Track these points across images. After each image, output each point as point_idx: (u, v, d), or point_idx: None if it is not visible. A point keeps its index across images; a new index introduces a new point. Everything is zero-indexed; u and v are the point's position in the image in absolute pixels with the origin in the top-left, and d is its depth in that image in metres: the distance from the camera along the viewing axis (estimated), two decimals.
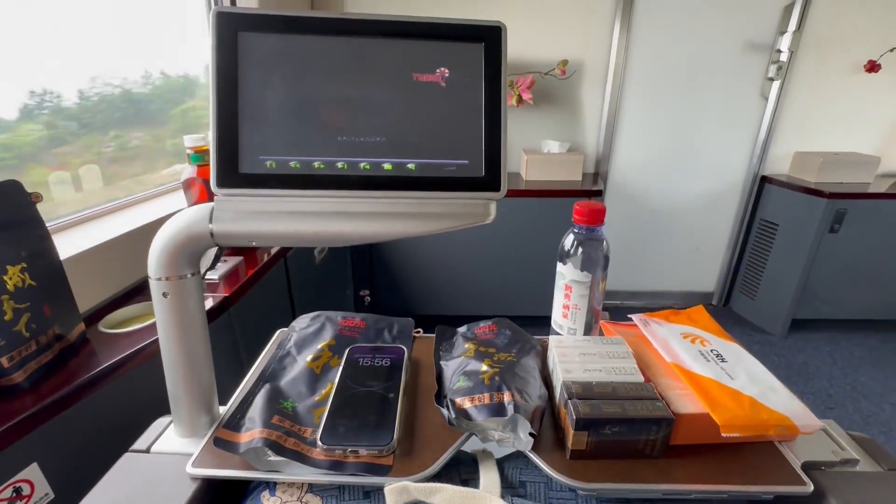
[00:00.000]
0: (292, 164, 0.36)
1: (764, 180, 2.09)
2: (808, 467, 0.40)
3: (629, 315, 0.55)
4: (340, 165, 0.37)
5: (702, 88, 2.01)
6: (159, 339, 0.41)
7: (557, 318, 0.56)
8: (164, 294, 0.38)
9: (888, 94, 1.97)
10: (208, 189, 0.37)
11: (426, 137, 0.37)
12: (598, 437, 0.39)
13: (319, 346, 0.52)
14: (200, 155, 1.00)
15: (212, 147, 0.35)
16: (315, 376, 0.49)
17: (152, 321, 0.77)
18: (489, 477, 0.39)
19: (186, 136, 0.99)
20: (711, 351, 0.47)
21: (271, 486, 0.39)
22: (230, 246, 0.39)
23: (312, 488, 0.39)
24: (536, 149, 2.04)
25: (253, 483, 0.40)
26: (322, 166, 0.37)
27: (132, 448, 0.43)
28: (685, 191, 2.19)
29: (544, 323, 0.60)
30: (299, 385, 0.47)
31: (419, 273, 2.01)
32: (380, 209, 0.38)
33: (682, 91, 2.02)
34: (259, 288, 1.06)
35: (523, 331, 0.56)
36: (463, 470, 0.41)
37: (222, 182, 0.36)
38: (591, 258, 0.52)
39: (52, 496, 0.60)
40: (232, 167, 0.36)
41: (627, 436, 0.39)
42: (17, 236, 0.61)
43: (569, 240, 0.53)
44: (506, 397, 0.41)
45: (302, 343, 0.53)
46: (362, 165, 0.37)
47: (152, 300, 0.39)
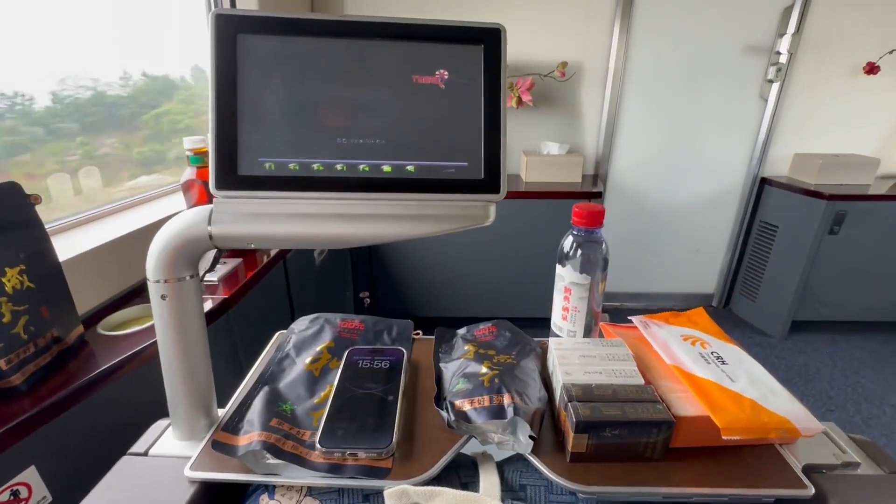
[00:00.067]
0: (291, 166, 0.36)
1: (764, 182, 2.09)
2: (809, 470, 0.40)
3: (629, 317, 0.55)
4: (340, 167, 0.37)
5: (701, 90, 2.01)
6: (158, 342, 0.40)
7: (557, 321, 0.56)
8: (163, 296, 0.38)
9: (887, 96, 1.98)
10: (208, 191, 0.37)
11: (425, 139, 0.37)
12: (599, 440, 0.38)
13: (318, 349, 0.52)
14: (200, 157, 1.01)
15: (211, 149, 0.35)
16: (314, 378, 0.48)
17: (151, 323, 0.77)
18: (489, 480, 0.39)
19: (186, 138, 0.99)
20: (712, 353, 0.47)
21: (270, 490, 0.39)
22: (229, 248, 0.39)
23: (311, 491, 0.38)
24: (536, 150, 2.05)
25: (251, 486, 0.40)
26: (321, 168, 0.36)
27: (130, 451, 0.43)
28: (685, 193, 2.19)
29: (544, 324, 0.60)
30: (298, 387, 0.47)
31: (419, 275, 2.01)
32: (379, 211, 0.38)
33: (682, 93, 2.02)
34: (258, 290, 1.06)
35: (523, 333, 0.56)
36: (462, 473, 0.41)
37: (221, 184, 0.36)
38: (591, 260, 0.52)
39: (50, 499, 0.59)
40: (231, 169, 0.36)
41: (628, 438, 0.38)
42: (16, 238, 0.61)
43: (568, 242, 0.53)
44: (505, 400, 0.41)
45: (301, 345, 0.53)
46: (361, 167, 0.37)
47: (151, 302, 0.39)
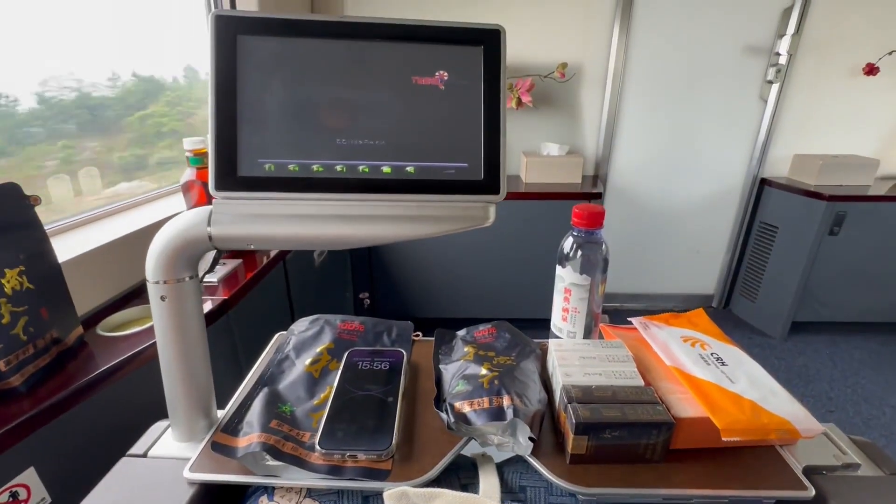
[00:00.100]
0: (291, 167, 0.36)
1: (763, 183, 2.09)
2: (810, 471, 0.40)
3: (629, 318, 0.55)
4: (339, 168, 0.37)
5: (701, 91, 2.01)
6: (157, 343, 0.40)
7: (557, 322, 0.56)
8: (163, 297, 0.38)
9: (887, 97, 1.98)
10: (207, 192, 0.37)
11: (425, 140, 0.37)
12: (598, 442, 0.38)
13: (318, 350, 0.52)
14: (199, 158, 1.01)
15: (210, 150, 0.35)
16: (314, 380, 0.48)
17: (150, 325, 0.77)
18: (489, 482, 0.38)
19: (186, 139, 0.99)
20: (712, 354, 0.47)
21: (269, 491, 0.39)
22: (229, 249, 0.39)
23: (311, 493, 0.38)
24: (536, 151, 2.05)
25: (251, 488, 0.40)
26: (321, 169, 0.36)
27: (129, 452, 0.43)
28: (685, 193, 2.19)
29: (544, 326, 0.59)
30: (298, 389, 0.47)
31: (419, 276, 2.01)
32: (379, 212, 0.38)
33: (682, 94, 2.02)
34: (258, 291, 1.06)
35: (523, 334, 0.56)
36: (462, 475, 0.40)
37: (221, 185, 0.36)
38: (591, 261, 0.52)
39: (49, 500, 0.59)
40: (230, 170, 0.36)
41: (628, 440, 0.38)
42: (16, 239, 0.61)
43: (568, 243, 0.53)
44: (505, 401, 0.40)
45: (301, 346, 0.53)
46: (361, 168, 0.37)
47: (150, 303, 0.39)
